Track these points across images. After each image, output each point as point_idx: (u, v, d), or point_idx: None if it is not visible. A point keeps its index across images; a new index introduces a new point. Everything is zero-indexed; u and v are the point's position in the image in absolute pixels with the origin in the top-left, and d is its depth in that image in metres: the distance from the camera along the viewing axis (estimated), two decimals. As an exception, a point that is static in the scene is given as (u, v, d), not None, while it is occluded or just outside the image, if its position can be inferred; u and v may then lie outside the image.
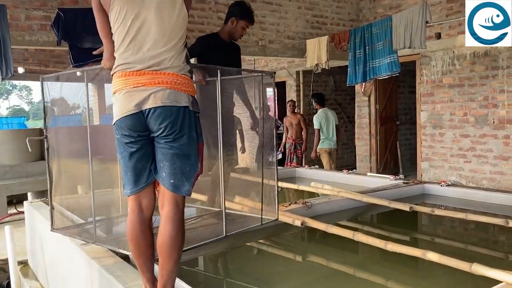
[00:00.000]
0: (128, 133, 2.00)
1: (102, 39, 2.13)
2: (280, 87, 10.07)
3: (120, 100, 1.99)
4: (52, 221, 3.09)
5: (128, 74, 1.98)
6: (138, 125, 1.98)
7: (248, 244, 3.89)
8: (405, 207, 4.15)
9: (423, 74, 6.85)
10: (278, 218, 3.27)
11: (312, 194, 4.91)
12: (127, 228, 2.09)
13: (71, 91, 3.16)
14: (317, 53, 6.53)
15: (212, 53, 3.48)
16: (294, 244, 3.91)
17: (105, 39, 2.12)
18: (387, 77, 5.66)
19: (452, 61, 6.43)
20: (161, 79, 1.96)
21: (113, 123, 2.04)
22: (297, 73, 9.49)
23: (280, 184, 4.97)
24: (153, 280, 2.11)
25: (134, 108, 1.95)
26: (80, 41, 4.68)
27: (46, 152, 2.97)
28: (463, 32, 6.22)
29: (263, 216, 3.23)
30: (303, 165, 7.45)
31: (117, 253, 2.93)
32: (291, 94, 9.78)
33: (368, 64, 5.74)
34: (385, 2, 7.42)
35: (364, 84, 6.96)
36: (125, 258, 2.85)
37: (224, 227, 2.86)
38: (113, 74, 2.06)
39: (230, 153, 3.16)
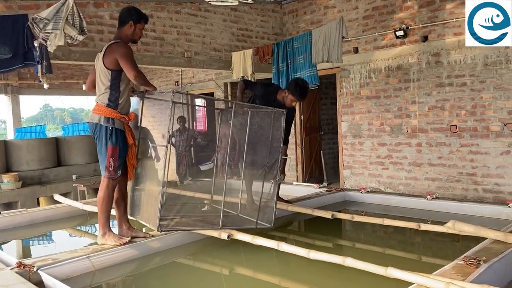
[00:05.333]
0: None
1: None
2: (208, 99, 10.04)
3: None
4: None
5: None
6: None
7: (176, 260, 3.82)
8: (328, 214, 4.31)
9: (343, 87, 7.18)
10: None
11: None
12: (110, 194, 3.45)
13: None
14: (242, 65, 6.61)
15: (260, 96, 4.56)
16: (221, 258, 3.89)
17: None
18: (307, 89, 5.84)
19: (369, 74, 6.82)
20: (93, 107, 3.52)
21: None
22: (225, 84, 9.52)
23: (207, 195, 4.95)
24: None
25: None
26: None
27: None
28: (378, 47, 6.65)
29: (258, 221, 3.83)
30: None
31: (29, 279, 2.74)
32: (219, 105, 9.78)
33: (290, 77, 5.90)
34: (307, 17, 7.72)
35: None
36: (39, 283, 2.67)
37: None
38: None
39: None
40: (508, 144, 5.43)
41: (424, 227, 3.79)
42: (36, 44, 4.50)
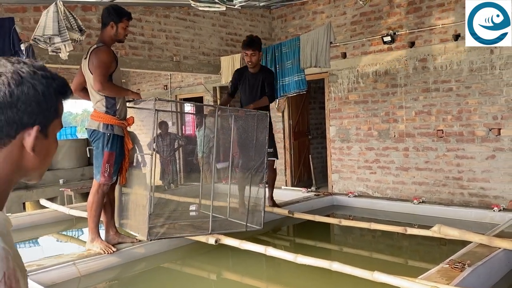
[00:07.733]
0: None
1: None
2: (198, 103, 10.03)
3: None
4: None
5: None
6: None
7: (163, 265, 3.80)
8: (315, 218, 4.33)
9: (331, 91, 7.22)
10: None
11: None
12: (100, 199, 3.44)
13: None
14: (231, 70, 6.61)
15: (239, 82, 4.83)
16: (209, 262, 3.89)
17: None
18: (295, 94, 5.88)
19: (357, 79, 6.87)
20: (91, 113, 3.50)
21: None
22: (214, 88, 9.51)
23: (193, 200, 4.93)
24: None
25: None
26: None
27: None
28: (365, 53, 6.71)
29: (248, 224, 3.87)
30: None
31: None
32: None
33: (278, 81, 5.93)
34: (296, 22, 7.76)
35: (277, 100, 7.17)
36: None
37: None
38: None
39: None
40: (493, 148, 5.51)
41: (411, 231, 3.82)
42: (22, 47, 4.47)
